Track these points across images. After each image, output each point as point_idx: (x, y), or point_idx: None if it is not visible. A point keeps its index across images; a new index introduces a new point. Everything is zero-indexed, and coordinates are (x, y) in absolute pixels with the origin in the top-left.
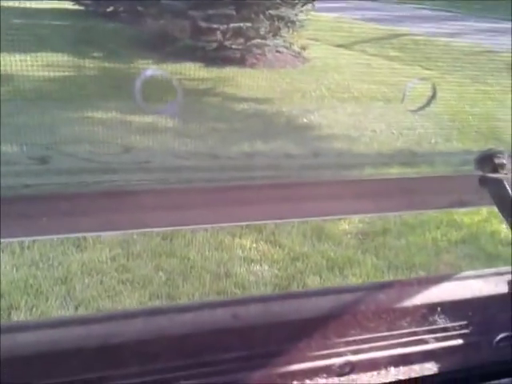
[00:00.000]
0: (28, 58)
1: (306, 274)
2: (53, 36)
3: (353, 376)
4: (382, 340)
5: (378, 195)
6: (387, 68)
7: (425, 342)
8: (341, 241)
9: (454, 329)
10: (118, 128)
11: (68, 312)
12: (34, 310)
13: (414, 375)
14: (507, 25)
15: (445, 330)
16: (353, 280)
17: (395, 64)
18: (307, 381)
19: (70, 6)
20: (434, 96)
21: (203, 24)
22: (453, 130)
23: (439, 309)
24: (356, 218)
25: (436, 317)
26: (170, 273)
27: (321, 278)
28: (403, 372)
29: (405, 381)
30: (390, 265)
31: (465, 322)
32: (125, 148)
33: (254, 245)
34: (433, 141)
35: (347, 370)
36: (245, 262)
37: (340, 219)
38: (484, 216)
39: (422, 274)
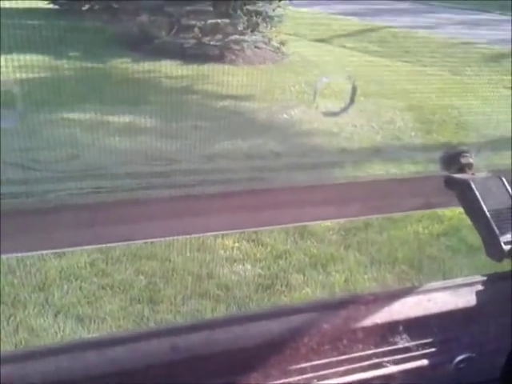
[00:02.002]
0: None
1: (289, 272)
2: (26, 36)
3: None
4: (336, 366)
5: (345, 200)
6: (366, 62)
7: (383, 365)
8: (323, 237)
9: (416, 349)
10: (94, 130)
11: (47, 320)
12: (12, 319)
13: None
14: (482, 16)
15: (405, 350)
16: (336, 276)
17: (374, 58)
18: None
19: (44, 5)
20: (354, 94)
21: (181, 21)
22: (433, 123)
23: (400, 327)
24: (322, 223)
25: (396, 336)
26: (151, 276)
27: (304, 275)
28: None
29: None
30: (373, 260)
31: (428, 341)
32: (102, 150)
33: (237, 244)
34: (413, 134)
35: None
36: (227, 262)
37: None
38: None
39: (404, 268)
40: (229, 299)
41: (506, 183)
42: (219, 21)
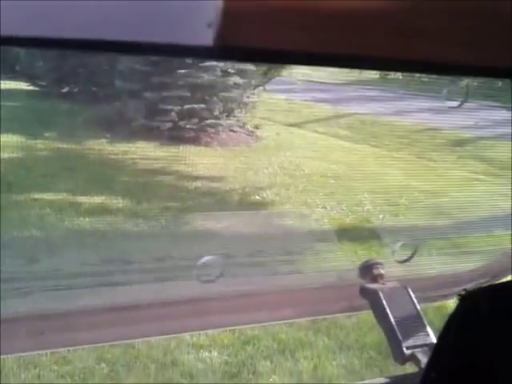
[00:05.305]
0: None
1: (257, 358)
2: (5, 117)
3: None
4: None
5: (276, 306)
6: (337, 146)
7: None
8: (293, 322)
9: None
10: (67, 209)
11: None
12: None
13: None
14: (447, 103)
15: None
16: (304, 363)
17: (344, 142)
18: None
19: (24, 86)
20: (414, 253)
21: (158, 105)
22: (400, 206)
23: None
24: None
25: None
26: (114, 364)
27: (272, 362)
28: None
29: None
30: (342, 345)
31: None
32: (73, 231)
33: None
34: (381, 216)
35: None
36: (193, 348)
37: None
38: None
39: (372, 354)
40: None
41: (410, 292)
42: (195, 106)
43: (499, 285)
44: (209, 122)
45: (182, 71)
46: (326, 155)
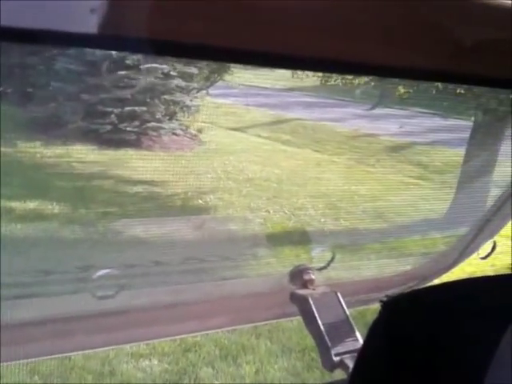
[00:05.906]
0: None
1: (199, 366)
2: None
3: None
4: None
5: (207, 315)
6: (279, 151)
7: None
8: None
9: None
10: None
11: None
12: None
13: None
14: (383, 111)
15: None
16: (246, 368)
17: (287, 147)
18: None
19: None
20: (332, 259)
21: (97, 107)
22: (340, 210)
23: None
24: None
25: None
26: (48, 376)
27: (213, 368)
28: None
29: None
30: (284, 348)
31: None
32: (4, 238)
33: None
34: (322, 220)
35: None
36: (132, 357)
37: None
38: None
39: (313, 356)
40: None
41: (340, 298)
42: (136, 108)
43: (421, 290)
44: (150, 125)
45: (123, 72)
46: (269, 160)
